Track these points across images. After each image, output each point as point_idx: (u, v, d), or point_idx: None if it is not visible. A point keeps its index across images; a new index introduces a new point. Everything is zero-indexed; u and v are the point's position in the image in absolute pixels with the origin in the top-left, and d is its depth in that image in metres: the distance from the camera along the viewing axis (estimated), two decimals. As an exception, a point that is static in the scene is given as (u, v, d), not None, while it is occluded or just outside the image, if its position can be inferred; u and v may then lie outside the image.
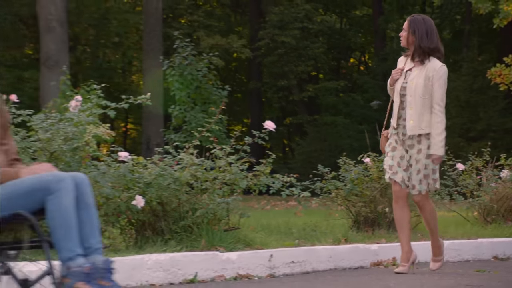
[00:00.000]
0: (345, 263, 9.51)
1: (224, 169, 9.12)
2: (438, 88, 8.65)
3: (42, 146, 8.40)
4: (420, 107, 8.63)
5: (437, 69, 8.66)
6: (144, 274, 7.95)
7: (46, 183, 5.05)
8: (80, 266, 4.96)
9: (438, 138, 8.62)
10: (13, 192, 5.08)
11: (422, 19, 8.81)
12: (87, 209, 5.18)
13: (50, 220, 5.02)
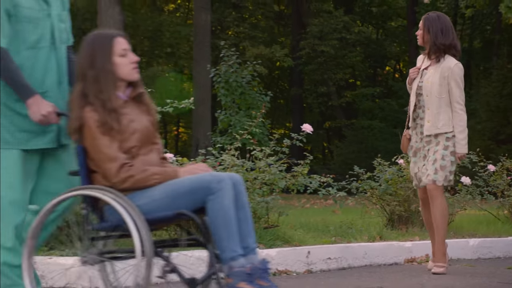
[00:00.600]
0: (379, 260, 9.22)
1: (263, 169, 8.91)
2: (455, 86, 8.15)
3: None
4: (436, 107, 8.16)
5: (452, 67, 8.14)
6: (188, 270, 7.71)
7: (207, 182, 4.81)
8: (242, 266, 4.75)
9: (460, 136, 8.18)
10: (174, 191, 4.85)
11: (436, 16, 8.28)
12: (244, 208, 4.92)
13: (212, 219, 4.79)
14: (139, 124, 5.09)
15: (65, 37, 5.25)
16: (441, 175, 8.08)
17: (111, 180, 4.89)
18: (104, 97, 4.95)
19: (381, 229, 10.14)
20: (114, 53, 5.04)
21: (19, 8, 4.92)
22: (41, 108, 4.87)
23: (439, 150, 8.12)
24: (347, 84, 38.60)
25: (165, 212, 4.81)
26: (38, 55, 5.04)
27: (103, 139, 4.87)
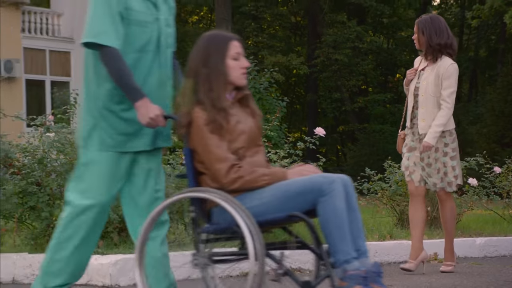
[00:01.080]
0: (390, 258, 9.03)
1: (278, 171, 8.67)
2: (447, 86, 7.71)
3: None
4: (432, 106, 7.74)
5: (447, 67, 7.73)
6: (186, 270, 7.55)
7: (319, 184, 4.56)
8: (357, 269, 4.47)
9: (435, 129, 7.65)
10: (284, 193, 4.61)
11: (429, 18, 7.91)
12: (354, 211, 4.65)
13: (324, 221, 4.52)
14: (245, 125, 4.87)
15: (170, 41, 5.09)
16: (446, 181, 7.81)
17: (220, 181, 4.66)
18: (214, 96, 4.76)
19: (391, 228, 9.94)
20: (228, 55, 4.84)
21: (131, 11, 4.80)
22: (149, 111, 4.68)
23: (440, 158, 7.80)
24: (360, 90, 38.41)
25: (275, 214, 4.58)
26: (143, 58, 4.90)
27: (212, 138, 4.66)
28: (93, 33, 4.70)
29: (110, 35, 4.70)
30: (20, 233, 8.14)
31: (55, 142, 7.80)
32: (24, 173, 7.71)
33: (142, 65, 4.89)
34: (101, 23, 4.71)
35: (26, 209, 7.77)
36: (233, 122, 4.78)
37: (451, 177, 7.79)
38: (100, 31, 4.69)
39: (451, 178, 7.79)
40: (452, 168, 7.79)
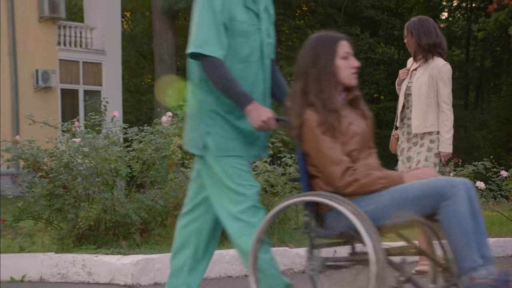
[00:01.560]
0: (408, 257, 8.72)
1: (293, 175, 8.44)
2: (443, 86, 7.22)
3: (136, 155, 7.88)
4: (425, 106, 7.24)
5: (440, 67, 7.22)
6: (223, 267, 7.42)
7: (440, 188, 4.13)
8: (485, 277, 4.02)
9: (446, 136, 7.20)
10: (402, 197, 4.19)
11: (417, 20, 7.43)
12: (477, 215, 4.15)
13: (447, 227, 4.09)
14: (357, 127, 4.51)
15: (271, 51, 4.82)
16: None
17: (335, 184, 4.31)
18: (325, 96, 4.43)
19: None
20: (338, 55, 4.52)
21: (235, 22, 4.56)
22: (261, 114, 4.38)
23: (423, 151, 7.26)
24: (372, 98, 38.23)
25: (393, 218, 4.14)
26: (248, 69, 4.63)
27: (325, 140, 4.32)
28: (197, 44, 4.47)
29: (214, 46, 4.47)
30: (48, 234, 7.96)
31: (80, 147, 7.64)
32: (51, 176, 7.56)
33: (248, 75, 4.62)
34: (205, 33, 4.48)
35: (53, 210, 7.64)
36: (345, 123, 4.43)
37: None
38: (204, 41, 4.46)
39: None
40: (434, 165, 7.25)
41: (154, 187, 7.86)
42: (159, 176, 7.75)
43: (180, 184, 7.78)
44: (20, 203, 7.73)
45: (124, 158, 7.73)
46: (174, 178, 7.85)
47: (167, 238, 7.72)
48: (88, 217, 7.55)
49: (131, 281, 6.81)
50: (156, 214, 7.68)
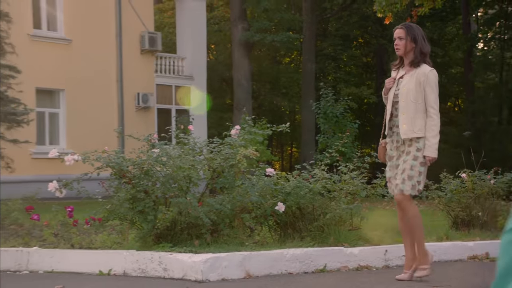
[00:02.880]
0: (447, 257, 8.08)
1: (348, 181, 7.98)
2: (430, 92, 6.30)
3: (207, 163, 7.39)
4: (413, 112, 6.29)
5: (427, 73, 6.32)
6: (284, 265, 6.89)
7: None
8: None
9: (432, 141, 6.29)
10: None
11: (416, 25, 6.52)
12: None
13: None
14: None
15: None
16: (408, 185, 6.25)
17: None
18: None
19: (447, 230, 8.95)
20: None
21: None
22: None
23: (409, 160, 6.27)
24: (418, 115, 37.51)
25: None
26: None
27: None
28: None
29: None
30: (131, 233, 7.54)
31: (159, 157, 7.20)
32: (134, 182, 7.12)
33: None
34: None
35: (136, 212, 7.20)
36: None
37: (415, 180, 6.27)
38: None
39: (414, 181, 6.27)
40: (419, 173, 6.28)
41: (223, 192, 7.39)
42: (227, 182, 7.33)
43: (246, 189, 7.33)
44: (108, 205, 7.33)
45: (196, 167, 7.25)
46: (241, 184, 7.42)
47: (234, 238, 7.31)
48: (165, 219, 7.15)
49: (201, 277, 6.35)
50: (225, 216, 7.23)
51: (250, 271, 6.62)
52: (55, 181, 7.23)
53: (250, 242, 7.35)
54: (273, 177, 7.70)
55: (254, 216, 7.45)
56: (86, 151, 7.23)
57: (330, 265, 7.05)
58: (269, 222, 7.74)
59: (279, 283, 6.35)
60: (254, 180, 7.56)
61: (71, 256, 7.16)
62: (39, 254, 7.27)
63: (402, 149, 6.43)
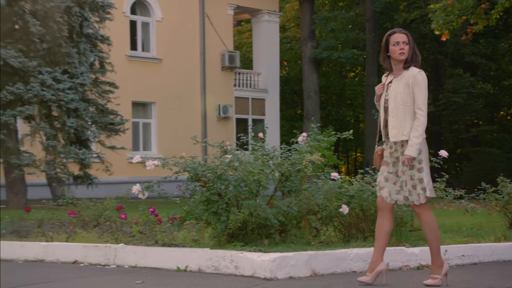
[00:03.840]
0: (505, 257, 7.37)
1: (409, 185, 7.36)
2: (419, 93, 5.48)
3: (275, 168, 6.98)
4: (402, 114, 5.50)
5: (415, 75, 5.51)
6: (348, 264, 6.41)
7: None
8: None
9: (415, 140, 5.42)
10: None
11: (406, 32, 5.69)
12: None
13: None
14: None
15: None
16: (415, 194, 5.50)
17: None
18: None
19: (505, 231, 8.24)
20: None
21: None
22: None
23: (406, 170, 5.52)
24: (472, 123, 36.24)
25: None
26: None
27: None
28: None
29: None
30: (207, 232, 7.17)
31: (231, 162, 6.82)
32: (208, 186, 6.76)
33: None
34: None
35: (210, 213, 6.82)
36: None
37: (418, 189, 5.50)
38: None
39: (418, 190, 5.50)
40: (419, 181, 5.50)
41: (290, 195, 6.95)
42: (294, 186, 6.89)
43: (312, 193, 6.90)
44: (185, 206, 6.98)
45: (265, 171, 6.84)
46: (307, 188, 6.98)
47: (300, 238, 6.88)
48: (237, 220, 6.78)
49: (269, 275, 5.93)
50: (292, 218, 6.81)
51: (316, 269, 6.17)
52: (138, 184, 6.93)
53: (316, 242, 6.90)
54: (337, 181, 7.23)
55: (320, 218, 7.01)
56: (166, 157, 6.91)
57: (392, 264, 6.53)
58: (334, 223, 7.27)
59: (343, 281, 5.89)
60: (320, 184, 7.13)
61: (152, 253, 6.86)
62: (124, 250, 7.03)
63: (395, 155, 5.61)
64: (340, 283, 5.76)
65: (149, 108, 25.28)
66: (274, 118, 28.36)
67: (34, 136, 16.37)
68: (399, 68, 5.65)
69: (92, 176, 17.49)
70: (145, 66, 24.85)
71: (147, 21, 25.29)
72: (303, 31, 30.38)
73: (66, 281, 5.99)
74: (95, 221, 9.22)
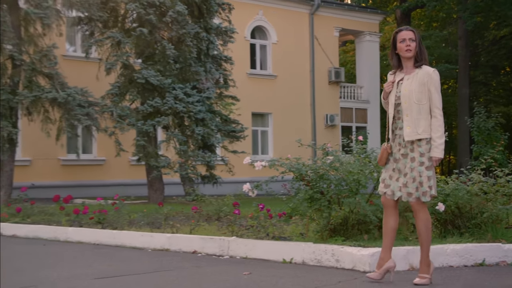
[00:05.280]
0: None
1: (503, 184, 6.52)
2: (435, 92, 4.71)
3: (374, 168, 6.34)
4: (416, 113, 4.70)
5: (430, 73, 4.74)
6: (445, 259, 5.67)
7: None
8: None
9: (438, 141, 4.67)
10: None
11: (414, 31, 4.86)
12: None
13: None
14: None
15: None
16: (421, 191, 4.73)
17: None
18: None
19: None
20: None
21: None
22: None
23: (416, 167, 4.72)
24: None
25: None
26: None
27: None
28: None
29: None
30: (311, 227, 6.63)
31: (332, 163, 6.25)
32: (311, 185, 6.22)
33: None
34: None
35: (313, 210, 6.28)
36: None
37: (426, 187, 4.73)
38: None
39: (425, 188, 4.74)
40: (428, 178, 4.73)
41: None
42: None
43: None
44: (291, 203, 6.49)
45: (364, 171, 6.22)
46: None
47: (398, 234, 6.16)
48: (338, 216, 6.18)
49: (368, 268, 5.32)
50: (392, 215, 6.10)
51: (414, 263, 5.49)
52: (248, 183, 6.48)
53: (413, 237, 6.19)
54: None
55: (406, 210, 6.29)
56: (273, 159, 6.44)
57: (489, 260, 5.73)
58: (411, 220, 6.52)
59: (441, 276, 5.18)
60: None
61: (260, 245, 6.38)
62: (236, 243, 6.59)
63: (403, 152, 4.81)
64: (438, 278, 5.06)
65: (266, 118, 25.42)
66: (375, 126, 27.80)
67: (169, 142, 16.52)
68: (410, 66, 4.84)
69: (217, 176, 17.42)
70: (262, 82, 25.03)
71: (264, 44, 25.49)
72: (401, 49, 29.42)
73: (182, 270, 5.63)
74: (217, 215, 9.12)
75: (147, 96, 16.16)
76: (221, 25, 17.76)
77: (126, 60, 16.07)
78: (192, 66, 16.39)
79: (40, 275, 5.37)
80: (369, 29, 28.20)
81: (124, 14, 16.80)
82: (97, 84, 16.94)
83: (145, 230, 7.96)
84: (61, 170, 20.39)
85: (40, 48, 15.21)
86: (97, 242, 7.93)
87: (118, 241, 7.72)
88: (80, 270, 5.63)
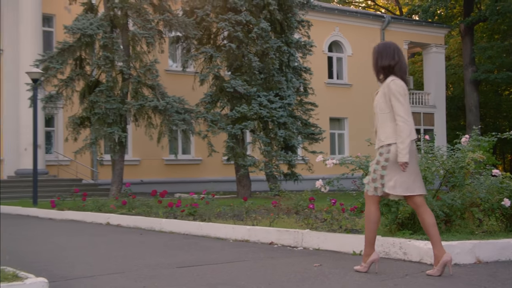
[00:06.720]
0: None
1: None
2: (395, 101, 4.23)
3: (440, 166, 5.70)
4: (380, 122, 4.33)
5: (388, 83, 4.29)
6: (511, 253, 4.95)
7: None
8: None
9: (401, 146, 4.19)
10: None
11: (381, 44, 4.40)
12: None
13: None
14: None
15: None
16: (372, 186, 4.36)
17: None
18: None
19: None
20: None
21: None
22: None
23: (373, 164, 4.37)
24: None
25: None
26: None
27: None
28: None
29: None
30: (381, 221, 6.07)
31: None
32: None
33: None
34: None
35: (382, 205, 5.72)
36: None
37: (377, 184, 4.32)
38: None
39: (377, 184, 4.32)
40: (380, 177, 4.30)
41: (454, 189, 5.64)
42: (458, 181, 5.56)
43: (474, 187, 5.55)
44: (361, 199, 5.98)
45: (430, 169, 5.61)
46: (470, 183, 5.62)
47: (464, 228, 5.52)
48: (405, 211, 5.59)
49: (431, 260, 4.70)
50: (456, 209, 5.49)
51: (480, 257, 4.84)
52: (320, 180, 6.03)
53: (479, 231, 5.51)
54: (498, 177, 5.77)
55: (482, 210, 5.60)
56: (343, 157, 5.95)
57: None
58: (496, 214, 5.80)
59: (509, 270, 4.52)
60: (482, 180, 5.72)
61: (331, 238, 5.90)
62: (309, 235, 6.14)
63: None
64: (506, 272, 4.41)
65: (343, 122, 25.03)
66: (441, 128, 26.69)
67: (255, 144, 16.35)
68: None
69: (298, 174, 17.06)
70: (339, 90, 24.66)
71: (340, 56, 25.15)
72: (465, 59, 28.12)
73: (257, 261, 5.25)
74: (295, 209, 8.76)
75: (235, 103, 16.10)
76: (301, 39, 17.45)
77: (217, 72, 16.06)
78: (275, 76, 16.20)
79: (129, 263, 5.17)
80: (435, 42, 27.18)
81: (216, 32, 16.79)
82: (192, 93, 17.01)
83: (229, 222, 7.67)
84: (164, 169, 20.68)
85: (145, 63, 15.40)
86: (187, 232, 7.72)
87: (204, 232, 7.48)
88: (166, 259, 5.39)
